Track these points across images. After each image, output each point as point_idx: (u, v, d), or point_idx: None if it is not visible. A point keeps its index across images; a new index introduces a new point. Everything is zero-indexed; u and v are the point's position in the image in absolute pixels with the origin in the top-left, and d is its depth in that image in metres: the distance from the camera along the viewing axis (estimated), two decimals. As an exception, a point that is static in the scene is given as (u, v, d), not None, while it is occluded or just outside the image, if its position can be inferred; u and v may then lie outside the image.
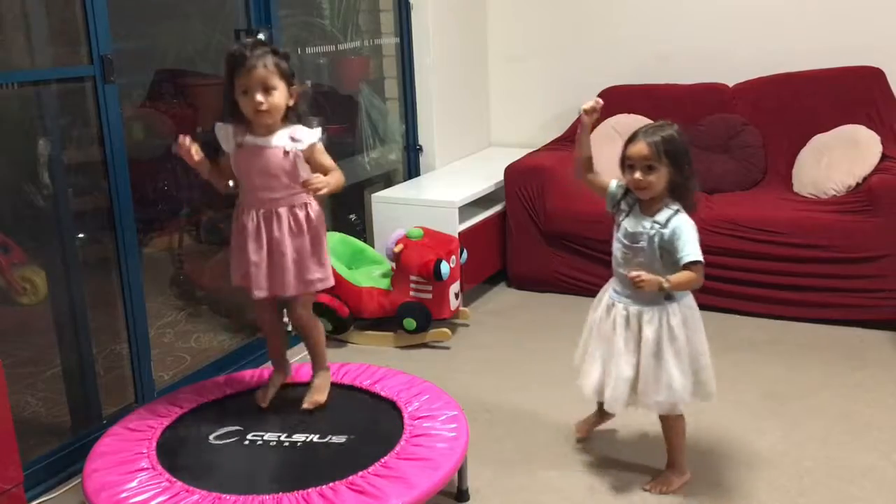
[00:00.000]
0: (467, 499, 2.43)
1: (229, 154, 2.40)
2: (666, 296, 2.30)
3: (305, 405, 2.51)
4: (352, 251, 3.82)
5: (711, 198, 3.93)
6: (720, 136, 4.14)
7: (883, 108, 3.95)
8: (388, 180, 4.49)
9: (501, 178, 4.13)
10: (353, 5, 4.32)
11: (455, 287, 3.61)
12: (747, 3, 4.32)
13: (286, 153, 2.33)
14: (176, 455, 2.30)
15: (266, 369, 2.79)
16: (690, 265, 2.24)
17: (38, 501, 2.51)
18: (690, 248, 2.24)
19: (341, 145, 4.29)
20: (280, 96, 2.28)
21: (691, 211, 2.32)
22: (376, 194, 4.08)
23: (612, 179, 2.43)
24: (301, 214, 2.39)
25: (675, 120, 4.17)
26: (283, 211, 2.37)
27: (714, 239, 3.68)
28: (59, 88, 2.65)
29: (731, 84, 4.28)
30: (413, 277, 3.51)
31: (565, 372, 3.19)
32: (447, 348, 3.55)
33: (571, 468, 2.60)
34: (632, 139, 2.30)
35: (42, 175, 2.73)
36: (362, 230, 4.27)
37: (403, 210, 3.92)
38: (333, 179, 2.35)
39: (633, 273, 2.23)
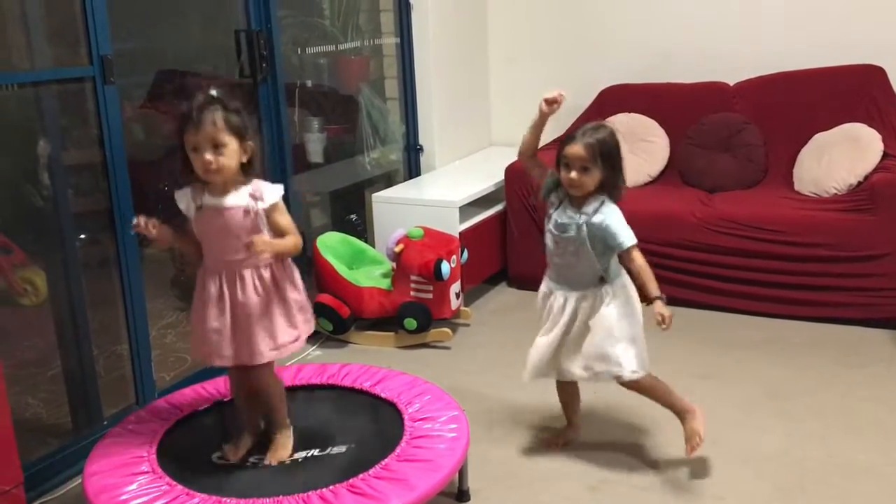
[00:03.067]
0: (468, 499, 2.43)
1: (190, 218, 2.26)
2: (600, 278, 2.44)
3: (269, 462, 2.33)
4: (352, 251, 3.82)
5: (712, 196, 3.93)
6: (721, 135, 4.13)
7: (884, 107, 3.94)
8: (388, 180, 4.48)
9: (502, 177, 4.12)
10: (354, 5, 4.31)
11: (456, 287, 3.60)
12: (748, 2, 4.32)
13: (246, 212, 2.18)
14: (176, 459, 2.30)
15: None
16: (630, 250, 2.38)
17: (38, 503, 2.51)
18: (623, 233, 2.38)
19: (342, 145, 4.29)
20: (231, 153, 2.13)
21: (617, 200, 2.45)
22: (377, 194, 4.08)
23: (550, 171, 2.52)
24: (266, 275, 2.24)
25: (675, 118, 4.17)
26: (247, 273, 2.22)
27: (715, 238, 3.68)
28: (59, 89, 2.65)
29: (731, 83, 4.27)
30: (414, 277, 3.51)
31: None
32: (448, 348, 3.55)
33: (572, 468, 2.59)
34: (569, 140, 2.43)
35: (42, 176, 2.73)
36: (363, 230, 4.27)
37: (404, 210, 3.92)
38: (283, 242, 2.21)
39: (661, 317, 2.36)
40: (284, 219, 2.24)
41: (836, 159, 3.76)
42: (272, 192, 2.22)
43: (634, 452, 2.65)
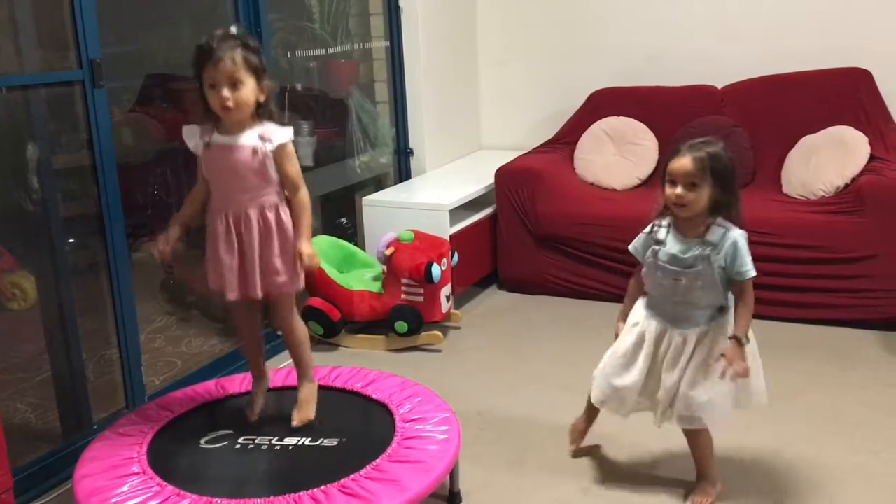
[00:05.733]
0: (459, 501, 2.43)
1: (199, 156, 2.32)
2: (720, 308, 2.25)
3: (295, 423, 2.43)
4: (343, 255, 3.82)
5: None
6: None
7: (870, 109, 3.97)
8: (378, 184, 4.49)
9: (492, 180, 4.13)
10: (343, 9, 4.32)
11: (446, 290, 3.61)
12: (736, 5, 4.35)
13: (255, 152, 2.23)
14: (167, 459, 2.29)
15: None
16: (750, 281, 2.17)
17: (27, 507, 2.51)
18: (749, 263, 2.17)
19: (332, 149, 4.29)
20: (248, 92, 2.18)
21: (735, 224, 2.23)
22: (367, 198, 4.08)
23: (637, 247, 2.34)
24: (271, 216, 2.29)
25: (664, 121, 4.16)
26: (252, 212, 2.27)
27: (704, 240, 3.69)
28: (48, 93, 2.64)
29: (720, 86, 4.30)
30: (404, 280, 3.51)
31: (557, 374, 3.21)
32: (439, 351, 3.55)
33: (563, 470, 2.60)
34: (675, 153, 2.19)
35: (31, 180, 2.72)
36: (353, 233, 4.27)
37: (394, 213, 3.92)
38: (306, 222, 2.32)
39: (738, 370, 2.14)
40: (293, 167, 2.29)
41: (824, 162, 3.79)
42: (281, 134, 2.26)
43: (626, 456, 2.66)
